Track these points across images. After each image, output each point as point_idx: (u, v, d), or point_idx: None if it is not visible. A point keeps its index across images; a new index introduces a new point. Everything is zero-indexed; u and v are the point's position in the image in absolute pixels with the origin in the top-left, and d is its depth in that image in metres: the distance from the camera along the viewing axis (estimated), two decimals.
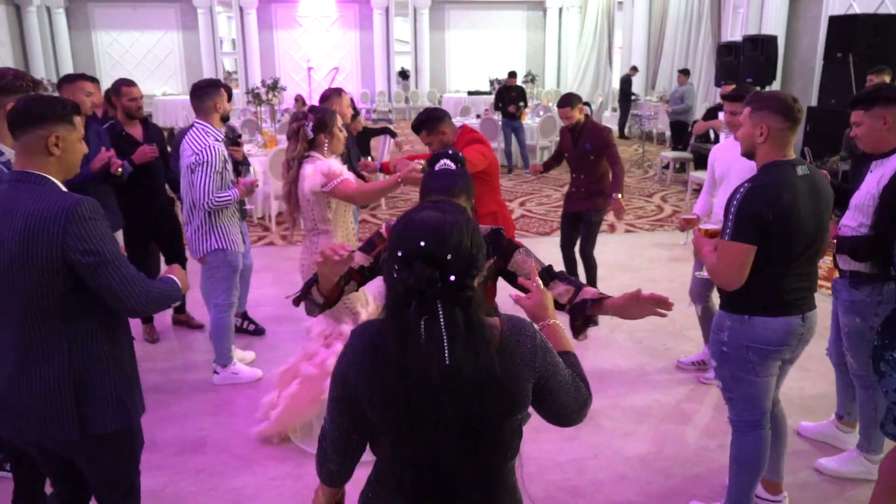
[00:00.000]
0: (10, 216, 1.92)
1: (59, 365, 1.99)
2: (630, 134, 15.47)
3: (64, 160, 2.03)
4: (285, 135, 3.12)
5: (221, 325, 4.15)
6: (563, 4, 20.37)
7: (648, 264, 6.52)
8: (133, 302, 2.00)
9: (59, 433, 2.02)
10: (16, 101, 2.04)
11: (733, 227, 2.44)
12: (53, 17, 18.35)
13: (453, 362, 1.31)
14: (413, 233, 1.33)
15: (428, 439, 1.36)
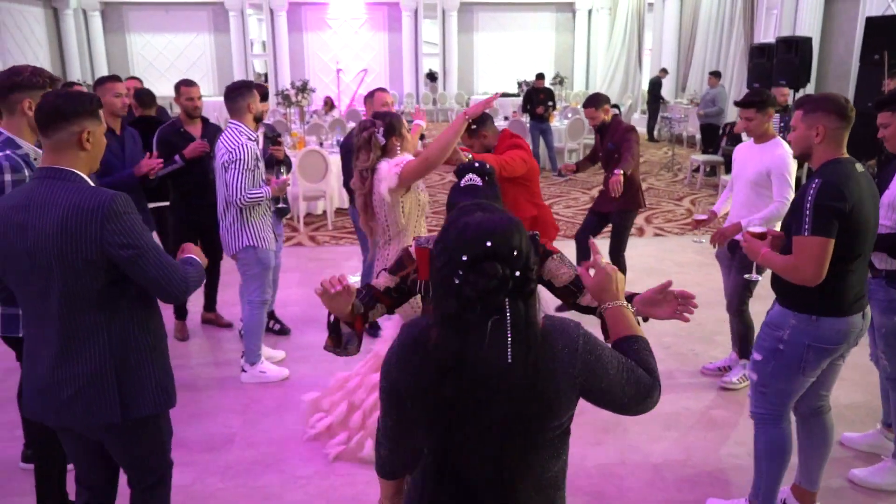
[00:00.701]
0: (48, 211, 1.96)
1: (100, 354, 2.06)
2: (659, 137, 15.32)
3: (92, 154, 2.09)
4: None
5: (253, 322, 4.20)
6: (593, 6, 20.24)
7: (678, 268, 6.44)
8: (174, 288, 2.09)
9: (102, 418, 2.09)
10: (42, 99, 2.07)
11: (812, 222, 2.45)
12: (89, 19, 18.72)
13: (513, 361, 1.34)
14: (475, 235, 1.33)
15: (463, 442, 1.38)
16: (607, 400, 1.47)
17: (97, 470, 2.34)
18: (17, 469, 3.39)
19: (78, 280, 1.99)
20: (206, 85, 19.48)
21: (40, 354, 2.11)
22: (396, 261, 2.27)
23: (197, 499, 3.15)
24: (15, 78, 2.56)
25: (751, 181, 3.81)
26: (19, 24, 16.11)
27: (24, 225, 1.98)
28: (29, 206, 1.99)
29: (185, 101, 4.65)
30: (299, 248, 7.31)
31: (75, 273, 1.98)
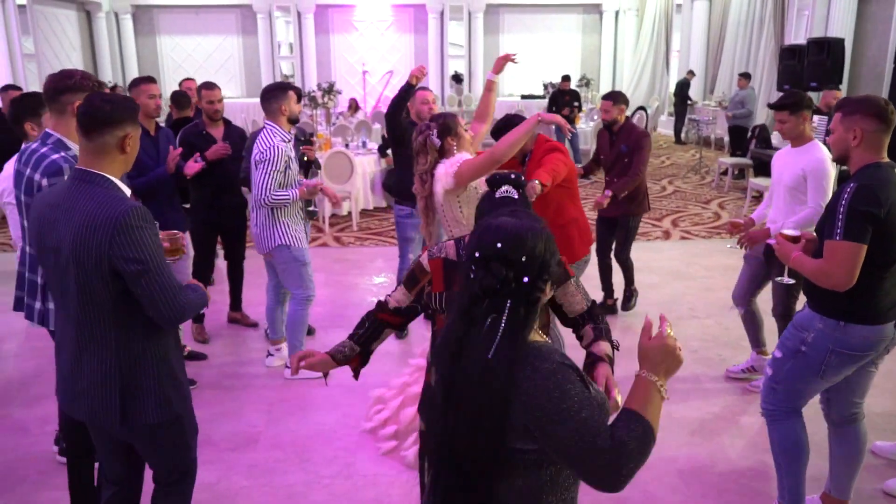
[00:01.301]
0: (70, 216, 2.00)
1: (107, 360, 2.08)
2: (687, 139, 15.16)
3: (129, 157, 2.13)
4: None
5: (296, 318, 4.23)
6: (620, 7, 20.09)
7: (705, 272, 6.37)
8: (170, 312, 2.06)
9: (103, 420, 2.14)
10: (86, 102, 2.10)
11: (844, 226, 2.40)
12: (121, 22, 19.03)
13: (494, 358, 1.38)
14: (490, 236, 1.43)
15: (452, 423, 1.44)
16: (552, 449, 1.39)
17: (119, 465, 2.38)
18: (54, 462, 3.45)
19: (90, 284, 2.01)
20: (233, 87, 19.71)
21: (64, 348, 2.18)
22: (409, 274, 2.21)
23: (222, 497, 3.18)
24: (67, 81, 2.62)
25: (788, 186, 3.75)
26: (53, 27, 16.42)
27: (54, 223, 2.04)
28: (59, 206, 2.04)
29: (206, 104, 4.69)
30: (325, 248, 7.35)
31: (88, 277, 2.00)
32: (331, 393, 4.14)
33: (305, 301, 4.23)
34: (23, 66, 14.10)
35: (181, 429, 2.29)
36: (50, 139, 2.63)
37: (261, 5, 18.94)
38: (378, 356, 4.57)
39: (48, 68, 15.46)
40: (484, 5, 19.59)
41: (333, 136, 10.05)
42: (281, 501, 3.15)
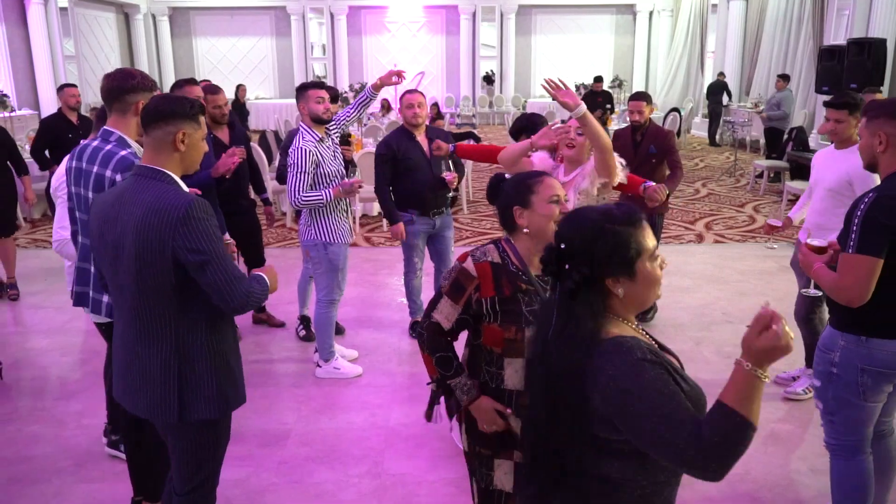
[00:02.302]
0: (132, 209, 2.05)
1: (166, 353, 2.11)
2: (721, 141, 14.95)
3: (187, 156, 2.16)
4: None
5: (322, 320, 4.26)
6: (654, 7, 19.90)
7: (739, 276, 6.26)
8: (235, 301, 2.09)
9: (161, 415, 2.16)
10: (148, 100, 2.20)
11: (858, 239, 2.28)
12: (158, 24, 19.38)
13: (553, 341, 1.48)
14: (563, 219, 1.59)
15: (528, 406, 1.60)
16: (637, 437, 1.39)
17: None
18: (89, 454, 3.52)
19: (150, 277, 2.04)
20: (267, 87, 19.96)
21: (121, 343, 2.21)
22: (453, 283, 2.09)
23: (252, 493, 3.21)
24: (130, 80, 2.68)
25: (830, 188, 3.61)
26: (93, 29, 16.78)
27: (114, 218, 2.09)
28: (121, 201, 2.09)
29: (212, 108, 4.61)
30: (355, 248, 7.39)
31: (147, 271, 2.04)
32: (360, 393, 4.16)
33: (329, 304, 4.25)
34: (63, 66, 14.45)
35: (217, 435, 2.30)
36: (112, 136, 2.67)
37: (295, 7, 19.14)
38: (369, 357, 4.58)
39: (87, 69, 15.82)
40: (516, 6, 19.55)
41: (365, 136, 10.11)
42: (309, 499, 3.17)
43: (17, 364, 4.50)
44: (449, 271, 2.13)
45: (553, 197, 2.10)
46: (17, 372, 4.39)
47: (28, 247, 7.54)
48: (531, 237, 2.10)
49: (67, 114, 6.30)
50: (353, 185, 4.12)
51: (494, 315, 2.06)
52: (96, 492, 3.23)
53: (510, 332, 2.06)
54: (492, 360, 2.11)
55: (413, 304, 4.97)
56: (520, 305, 2.06)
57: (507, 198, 2.13)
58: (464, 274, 2.08)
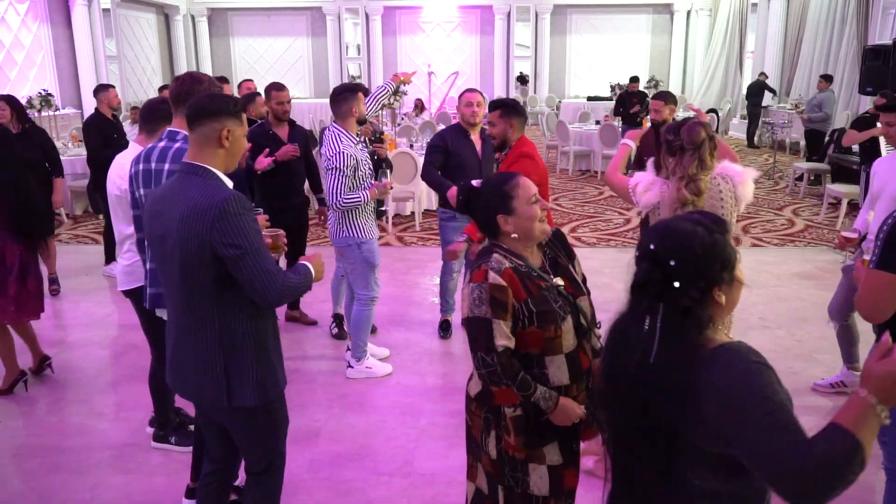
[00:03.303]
0: (176, 205, 2.12)
1: (210, 342, 2.19)
2: (760, 143, 14.68)
3: (230, 153, 2.22)
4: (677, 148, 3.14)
5: (360, 318, 4.29)
6: (692, 7, 19.61)
7: (776, 281, 6.15)
8: (271, 296, 2.14)
9: (212, 399, 2.24)
10: (193, 99, 2.27)
11: (879, 255, 2.20)
12: (197, 24, 19.71)
13: (657, 362, 1.40)
14: (651, 235, 1.46)
15: (617, 427, 1.50)
16: (743, 447, 1.32)
17: (218, 445, 2.50)
18: (126, 446, 3.59)
19: (194, 270, 2.11)
20: (302, 87, 20.14)
21: (171, 332, 2.30)
22: (492, 303, 2.01)
23: (284, 489, 3.22)
24: (198, 86, 2.75)
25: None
26: (134, 30, 17.13)
27: (161, 213, 2.16)
28: (168, 198, 2.17)
29: (276, 104, 4.77)
30: (387, 247, 7.42)
31: (191, 264, 2.11)
32: (390, 391, 4.18)
33: (370, 302, 4.27)
34: (105, 66, 14.77)
35: (273, 416, 2.37)
36: (178, 135, 2.76)
37: (330, 7, 19.30)
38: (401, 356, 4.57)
39: (128, 69, 16.16)
40: (551, 6, 19.44)
41: (399, 136, 10.15)
42: (340, 496, 3.19)
43: (58, 357, 4.61)
44: (473, 298, 2.04)
45: (532, 197, 2.11)
46: (58, 364, 4.50)
47: (69, 242, 7.73)
48: (519, 240, 2.13)
49: (106, 113, 6.41)
50: (386, 186, 4.18)
51: (531, 318, 2.04)
52: (133, 483, 3.29)
53: (549, 332, 2.05)
54: (531, 362, 2.09)
55: (445, 304, 4.98)
56: (551, 303, 2.06)
57: (488, 208, 2.13)
58: (497, 289, 2.02)
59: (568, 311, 2.09)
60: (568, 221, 8.52)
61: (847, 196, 8.07)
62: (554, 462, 2.13)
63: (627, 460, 1.51)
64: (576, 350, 2.10)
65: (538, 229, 2.12)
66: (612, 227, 8.23)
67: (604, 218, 8.69)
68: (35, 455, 3.53)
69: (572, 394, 2.10)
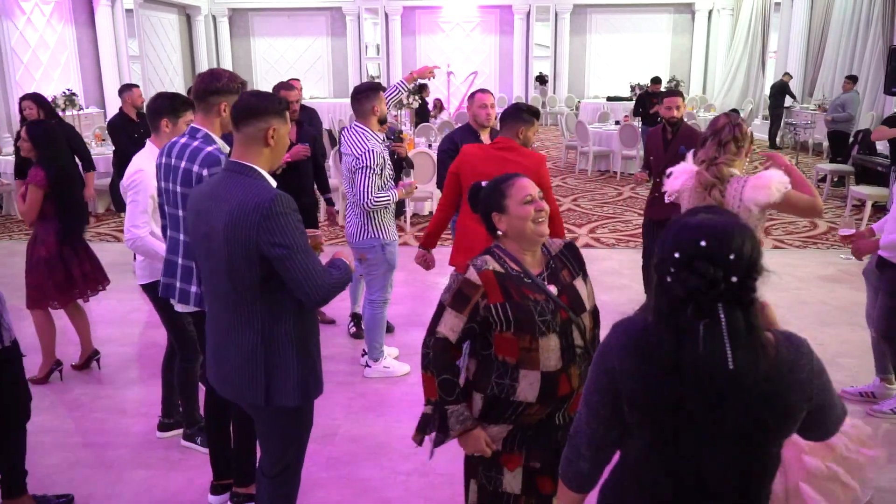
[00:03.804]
0: (223, 204, 2.14)
1: (254, 340, 2.20)
2: (782, 144, 14.52)
3: (275, 151, 2.24)
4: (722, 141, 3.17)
5: (374, 320, 4.29)
6: (714, 6, 19.45)
7: (798, 284, 6.07)
8: (314, 293, 2.15)
9: (250, 398, 2.26)
10: (238, 98, 2.29)
11: None
12: (218, 25, 19.87)
13: (737, 368, 1.30)
14: (691, 234, 1.33)
15: (697, 445, 1.36)
16: (818, 423, 1.47)
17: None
18: (147, 441, 3.63)
19: (238, 269, 2.13)
20: (321, 87, 20.24)
21: (212, 329, 2.33)
22: (455, 294, 2.05)
23: (301, 487, 3.23)
24: (216, 83, 2.78)
25: None
26: (157, 30, 17.31)
27: (207, 211, 2.18)
28: (214, 196, 2.19)
29: None
30: (405, 247, 7.43)
31: (237, 263, 2.13)
32: (408, 391, 4.18)
33: (382, 304, 4.28)
34: (128, 66, 14.94)
35: (304, 418, 2.41)
36: (199, 133, 2.78)
37: (350, 7, 19.37)
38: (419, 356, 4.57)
39: (150, 68, 16.33)
40: (571, 6, 19.37)
41: (417, 136, 10.16)
42: (357, 495, 3.20)
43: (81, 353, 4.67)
44: (449, 284, 2.10)
45: (526, 197, 2.11)
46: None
47: (92, 240, 7.82)
48: (511, 239, 2.13)
49: (129, 112, 6.47)
50: (411, 185, 4.21)
51: (507, 323, 2.02)
52: (152, 478, 3.33)
53: (525, 342, 2.02)
54: (505, 371, 2.06)
55: None
56: (532, 314, 2.02)
57: (486, 205, 2.16)
58: (467, 284, 2.05)
59: (554, 329, 2.03)
60: (587, 222, 8.48)
61: (871, 198, 7.95)
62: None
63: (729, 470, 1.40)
64: (557, 372, 2.04)
65: (530, 230, 2.10)
66: (631, 227, 8.18)
67: (623, 219, 8.64)
68: (58, 449, 3.58)
69: (531, 411, 2.07)
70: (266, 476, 2.44)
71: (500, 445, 2.14)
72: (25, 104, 5.77)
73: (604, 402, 1.48)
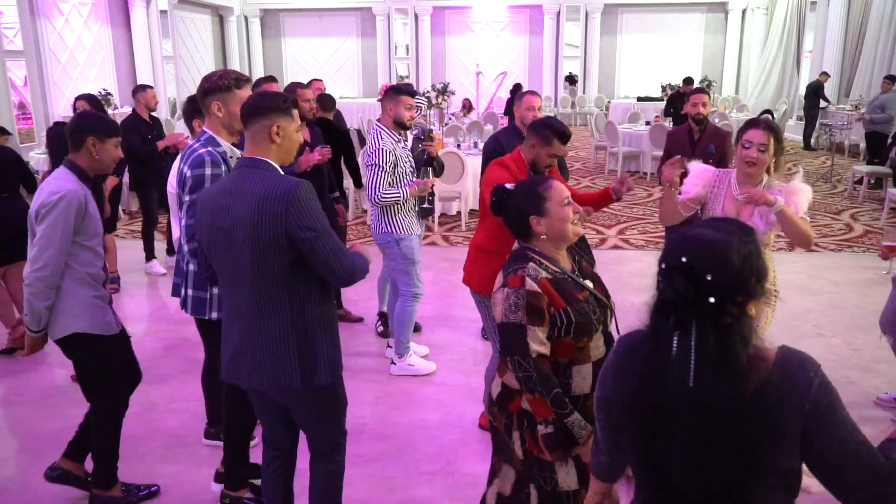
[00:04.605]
0: (242, 197, 2.20)
1: (283, 324, 2.27)
2: (817, 145, 14.25)
3: (283, 147, 2.31)
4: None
5: (403, 314, 4.32)
6: (748, 5, 19.16)
7: (832, 287, 5.95)
8: (343, 273, 2.25)
9: (285, 381, 2.30)
10: (247, 98, 2.40)
11: None
12: (250, 25, 20.11)
13: (697, 386, 1.29)
14: (679, 247, 1.33)
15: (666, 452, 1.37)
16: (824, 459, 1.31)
17: (282, 432, 2.57)
18: (178, 437, 3.68)
19: (265, 258, 2.20)
20: (351, 87, 20.37)
21: (233, 326, 2.36)
22: (528, 309, 2.02)
23: None
24: (205, 84, 2.82)
25: None
26: (190, 31, 17.57)
27: (227, 207, 2.23)
28: (232, 191, 2.24)
29: (302, 102, 4.73)
30: (433, 247, 7.45)
31: (263, 251, 2.19)
32: (435, 391, 4.19)
33: (413, 298, 4.30)
34: (162, 66, 15.18)
35: (338, 394, 2.48)
36: (203, 136, 2.83)
37: (380, 8, 19.46)
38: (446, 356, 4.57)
39: (183, 69, 16.57)
40: (602, 5, 19.23)
41: (446, 136, 10.17)
42: (383, 493, 3.21)
43: None
44: (511, 302, 2.05)
45: (565, 200, 2.15)
46: None
47: (126, 237, 7.96)
48: (550, 241, 2.16)
49: (142, 113, 6.47)
50: (427, 184, 4.23)
51: (569, 327, 2.05)
52: (183, 473, 3.37)
53: (582, 342, 2.09)
54: (557, 370, 2.10)
55: None
56: (590, 314, 2.09)
57: (521, 209, 2.16)
58: (533, 296, 2.04)
59: (602, 321, 2.12)
60: (616, 223, 8.41)
61: None
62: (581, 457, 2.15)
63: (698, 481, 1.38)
64: (603, 358, 2.09)
65: (571, 231, 2.16)
66: (660, 229, 8.09)
67: (652, 220, 8.55)
68: None
69: (590, 402, 2.08)
70: (319, 454, 2.53)
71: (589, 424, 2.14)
72: (79, 104, 5.93)
73: (603, 409, 1.55)
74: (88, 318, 2.83)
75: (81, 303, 2.82)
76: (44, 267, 2.70)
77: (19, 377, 4.42)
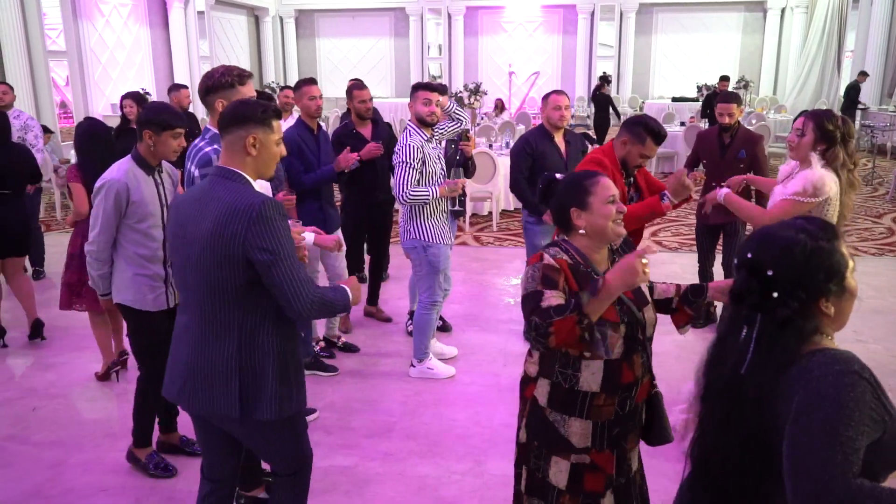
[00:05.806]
0: (209, 207, 2.07)
1: (228, 350, 2.11)
2: (858, 146, 13.93)
3: (259, 160, 2.16)
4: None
5: (420, 321, 4.30)
6: (787, 4, 18.79)
7: (874, 293, 5.81)
8: (299, 305, 2.06)
9: (223, 410, 2.14)
10: (226, 105, 2.28)
11: None
12: (285, 26, 20.33)
13: (749, 374, 1.36)
14: (751, 243, 1.42)
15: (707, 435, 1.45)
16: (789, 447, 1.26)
17: (221, 462, 2.39)
18: None
19: (220, 274, 2.06)
20: (384, 87, 20.45)
21: (182, 340, 2.21)
22: (543, 278, 1.98)
23: (357, 481, 3.30)
24: (208, 81, 2.80)
25: None
26: (226, 31, 17.83)
27: (191, 216, 2.11)
28: (199, 199, 2.13)
29: (358, 103, 4.84)
30: (464, 247, 7.44)
31: (218, 267, 2.05)
32: (464, 390, 4.19)
33: (431, 306, 4.26)
34: (199, 66, 15.43)
35: (293, 427, 2.30)
36: (208, 134, 2.82)
37: (413, 8, 19.52)
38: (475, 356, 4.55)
39: None
40: (637, 5, 19.04)
41: (478, 136, 10.15)
42: (412, 492, 3.22)
43: None
44: (527, 277, 2.02)
45: (610, 197, 2.07)
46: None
47: None
48: (588, 237, 2.09)
49: None
50: (458, 184, 4.17)
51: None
52: None
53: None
54: (567, 361, 2.07)
55: None
56: None
57: (564, 199, 2.11)
58: (549, 268, 2.00)
59: (623, 319, 2.04)
60: (649, 225, 8.31)
61: None
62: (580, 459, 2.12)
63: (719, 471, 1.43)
64: (619, 360, 2.04)
65: (611, 230, 2.08)
66: (694, 231, 7.97)
67: (686, 222, 8.43)
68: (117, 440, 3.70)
69: (598, 402, 2.06)
70: (280, 475, 2.38)
71: (588, 442, 2.11)
72: (126, 102, 6.29)
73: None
74: (131, 293, 3.10)
75: (127, 279, 3.10)
76: (92, 242, 3.06)
77: (59, 369, 4.52)
